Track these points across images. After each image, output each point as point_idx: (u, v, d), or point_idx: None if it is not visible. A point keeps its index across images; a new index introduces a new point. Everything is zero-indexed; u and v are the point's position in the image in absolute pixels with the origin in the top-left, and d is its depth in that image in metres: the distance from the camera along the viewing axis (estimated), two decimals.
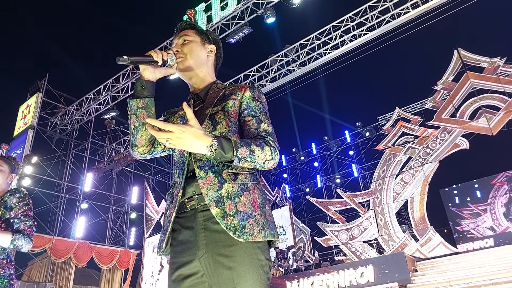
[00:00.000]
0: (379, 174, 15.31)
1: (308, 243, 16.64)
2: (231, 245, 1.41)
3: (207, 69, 1.78)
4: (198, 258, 1.44)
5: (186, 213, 1.53)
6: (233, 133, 1.57)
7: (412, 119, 15.32)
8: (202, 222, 1.47)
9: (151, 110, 1.60)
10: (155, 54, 1.55)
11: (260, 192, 1.55)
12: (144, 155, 1.68)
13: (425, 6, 11.01)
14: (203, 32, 1.82)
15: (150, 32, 22.55)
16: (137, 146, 1.62)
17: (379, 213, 14.63)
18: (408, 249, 13.13)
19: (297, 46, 13.23)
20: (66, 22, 23.38)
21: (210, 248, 1.43)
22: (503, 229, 12.81)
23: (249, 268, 1.39)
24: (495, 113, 12.99)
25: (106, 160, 17.20)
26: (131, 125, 1.60)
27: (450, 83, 14.18)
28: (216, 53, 1.85)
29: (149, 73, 1.58)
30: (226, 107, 1.60)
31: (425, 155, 14.21)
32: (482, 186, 13.99)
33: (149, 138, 1.62)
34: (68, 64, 23.08)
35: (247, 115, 1.62)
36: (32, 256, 14.10)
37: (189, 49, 1.72)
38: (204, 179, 1.48)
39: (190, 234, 1.49)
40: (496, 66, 13.27)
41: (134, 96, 1.59)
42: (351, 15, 12.23)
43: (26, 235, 2.44)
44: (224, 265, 1.39)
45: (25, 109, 15.32)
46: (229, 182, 1.48)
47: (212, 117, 1.59)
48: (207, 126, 1.57)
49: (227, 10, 11.84)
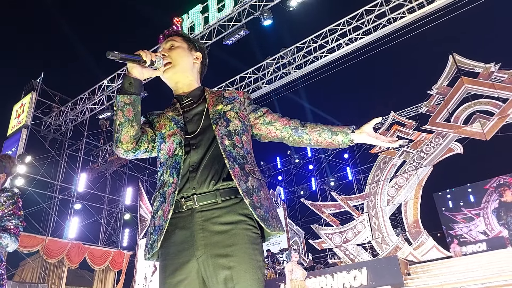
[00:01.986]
0: (373, 178, 15.36)
1: (302, 246, 16.65)
2: (230, 245, 1.41)
3: (193, 75, 1.80)
4: (196, 259, 1.43)
5: (181, 213, 1.51)
6: (243, 131, 1.65)
7: (407, 123, 15.39)
8: (201, 223, 1.46)
9: (137, 107, 1.60)
10: (144, 54, 1.58)
11: (267, 189, 1.63)
12: (127, 153, 1.64)
13: (421, 11, 11.08)
14: (189, 39, 1.86)
15: (148, 34, 22.51)
16: (121, 142, 1.60)
17: (373, 216, 14.67)
18: (401, 252, 13.18)
19: (293, 49, 13.26)
20: (62, 21, 23.27)
21: (209, 249, 1.42)
22: (496, 234, 12.90)
23: (248, 268, 1.40)
24: (489, 118, 13.09)
25: (100, 161, 17.12)
26: (117, 120, 1.59)
27: (444, 88, 14.27)
28: (202, 60, 1.87)
29: (137, 72, 1.60)
30: (234, 109, 1.67)
31: (419, 159, 14.28)
32: (475, 191, 14.08)
33: (134, 135, 1.61)
34: (63, 63, 22.99)
35: (259, 108, 1.76)
36: (25, 256, 13.99)
37: (176, 53, 1.75)
38: (233, 169, 1.51)
39: (186, 234, 1.47)
40: (491, 72, 13.37)
41: (121, 92, 1.60)
42: (348, 18, 12.28)
43: (12, 234, 2.41)
44: (223, 265, 1.39)
45: (19, 108, 15.22)
46: (252, 176, 1.54)
47: (224, 114, 1.64)
48: (221, 122, 1.61)
49: (224, 12, 11.85)
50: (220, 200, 1.49)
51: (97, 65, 20.66)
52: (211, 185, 1.50)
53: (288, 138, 1.72)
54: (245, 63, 14.21)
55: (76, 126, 16.20)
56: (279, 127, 1.73)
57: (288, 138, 1.72)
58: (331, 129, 1.68)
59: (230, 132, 1.60)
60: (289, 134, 1.72)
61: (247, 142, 1.66)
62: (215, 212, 1.48)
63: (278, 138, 1.74)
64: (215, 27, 12.12)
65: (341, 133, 1.67)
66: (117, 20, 24.61)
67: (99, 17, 24.16)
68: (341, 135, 1.67)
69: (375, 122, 1.71)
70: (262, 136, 1.77)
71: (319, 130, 1.69)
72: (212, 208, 1.49)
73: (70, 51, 22.89)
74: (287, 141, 1.74)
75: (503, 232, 12.76)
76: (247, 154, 1.61)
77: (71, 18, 24.38)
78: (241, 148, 1.60)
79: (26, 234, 13.46)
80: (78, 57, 22.58)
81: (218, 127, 1.60)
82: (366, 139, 1.68)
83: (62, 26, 23.33)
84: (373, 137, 1.67)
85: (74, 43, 23.67)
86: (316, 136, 1.69)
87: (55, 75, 21.15)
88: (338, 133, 1.67)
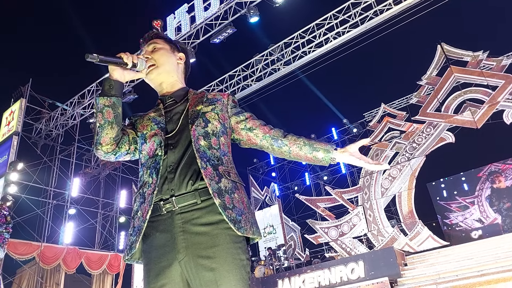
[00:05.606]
0: (367, 170, 15.40)
1: (299, 241, 16.69)
2: (212, 246, 1.41)
3: (177, 75, 1.81)
4: (178, 262, 1.42)
5: (160, 216, 1.50)
6: (222, 133, 1.63)
7: (398, 115, 15.42)
8: (181, 225, 1.45)
9: (118, 109, 1.59)
10: (125, 56, 1.57)
11: (245, 193, 1.61)
12: (108, 155, 1.64)
13: (407, 2, 11.09)
14: (171, 41, 1.86)
15: (135, 36, 22.38)
16: (101, 144, 1.59)
17: (368, 208, 14.71)
18: (397, 243, 13.23)
19: (281, 45, 13.24)
20: (48, 25, 23.09)
21: (190, 251, 1.41)
22: (491, 221, 12.99)
23: (231, 268, 1.39)
24: (479, 106, 13.14)
25: (93, 165, 17.03)
26: (97, 122, 1.59)
27: (434, 78, 14.30)
28: (185, 61, 1.88)
29: (117, 74, 1.59)
30: (216, 110, 1.66)
31: (412, 150, 14.33)
32: (469, 179, 14.17)
33: (114, 137, 1.60)
34: (51, 68, 22.79)
35: (242, 112, 1.72)
36: (21, 263, 13.89)
37: (160, 55, 1.75)
38: (205, 169, 1.50)
39: (166, 237, 1.46)
40: (479, 60, 13.41)
41: (101, 94, 1.58)
42: (334, 12, 12.27)
43: None
44: (206, 267, 1.38)
45: (9, 116, 15.10)
46: (225, 177, 1.53)
47: (203, 115, 1.63)
48: (199, 122, 1.60)
49: (210, 11, 11.80)
50: (199, 200, 1.48)
51: (86, 69, 20.53)
52: (189, 185, 1.49)
53: (268, 147, 1.68)
54: (234, 61, 14.20)
55: (67, 131, 16.12)
56: (259, 135, 1.69)
57: (268, 147, 1.68)
58: (313, 144, 1.63)
59: (207, 133, 1.59)
60: (269, 143, 1.67)
61: (225, 145, 1.64)
62: (194, 213, 1.47)
63: (258, 146, 1.71)
64: (202, 26, 12.06)
65: (323, 150, 1.62)
66: (103, 23, 24.45)
67: (85, 20, 23.99)
68: (322, 152, 1.62)
69: (362, 144, 1.67)
70: (241, 142, 1.74)
71: (300, 143, 1.64)
72: (192, 209, 1.47)
73: (58, 56, 22.70)
74: (267, 149, 1.70)
75: (498, 219, 12.86)
76: (224, 156, 1.60)
77: (57, 22, 24.19)
78: (217, 150, 1.58)
79: (21, 241, 13.41)
80: (66, 61, 22.40)
81: (195, 126, 1.59)
82: (348, 159, 1.61)
83: (49, 30, 23.15)
84: (357, 158, 1.60)
85: (61, 47, 23.48)
86: (296, 150, 1.64)
87: (43, 81, 20.99)
88: (320, 149, 1.62)
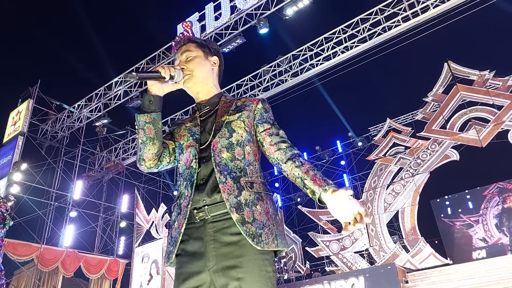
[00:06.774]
0: (370, 185, 15.34)
1: (299, 253, 16.58)
2: (239, 256, 1.42)
3: (212, 81, 1.81)
4: (208, 270, 1.45)
5: (194, 223, 1.53)
6: (247, 142, 1.63)
7: (403, 130, 15.42)
8: (212, 234, 1.48)
9: (158, 125, 1.63)
10: (162, 70, 1.59)
11: (271, 202, 1.59)
12: (151, 169, 1.70)
13: (415, 20, 11.17)
14: (203, 44, 1.83)
15: (145, 41, 22.55)
16: (144, 160, 1.65)
17: (370, 223, 14.62)
18: (399, 260, 13.13)
19: (289, 56, 13.32)
20: (59, 28, 23.32)
21: (219, 260, 1.44)
22: (495, 241, 12.86)
23: (258, 279, 1.40)
24: (485, 125, 13.13)
25: (97, 168, 17.03)
26: (139, 139, 1.63)
27: (440, 95, 14.33)
28: (219, 64, 1.87)
29: (156, 89, 1.62)
30: (242, 117, 1.65)
31: (416, 166, 14.29)
32: (473, 197, 14.06)
33: (156, 152, 1.64)
34: (60, 70, 22.97)
35: (265, 122, 1.68)
36: (19, 265, 13.85)
37: (194, 64, 1.74)
38: (224, 183, 1.51)
39: (199, 245, 1.49)
40: (485, 79, 13.44)
41: (142, 111, 1.61)
42: (343, 27, 12.36)
43: None
44: (232, 277, 1.40)
45: (15, 116, 15.19)
46: (247, 189, 1.52)
47: (229, 124, 1.63)
48: (223, 132, 1.61)
49: (220, 20, 11.92)
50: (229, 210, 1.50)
51: (94, 73, 20.68)
52: (219, 197, 1.52)
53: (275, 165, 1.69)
54: (241, 71, 14.27)
55: (73, 133, 16.17)
56: (266, 153, 1.69)
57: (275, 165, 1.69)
58: (304, 180, 1.56)
59: (231, 144, 1.60)
60: (274, 163, 1.68)
61: (251, 153, 1.63)
62: (226, 223, 1.49)
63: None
64: (212, 35, 12.18)
65: (309, 191, 1.56)
66: (114, 29, 24.68)
67: (95, 24, 24.22)
68: (309, 192, 1.57)
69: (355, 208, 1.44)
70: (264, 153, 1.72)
71: (294, 174, 1.59)
72: (223, 219, 1.50)
73: (67, 58, 22.89)
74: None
75: (502, 239, 12.73)
76: (248, 167, 1.60)
77: (68, 25, 24.43)
78: (241, 161, 1.59)
79: (21, 242, 13.37)
80: (75, 64, 22.59)
81: (218, 138, 1.60)
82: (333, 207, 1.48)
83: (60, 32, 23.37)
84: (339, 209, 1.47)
85: (71, 49, 23.69)
86: (292, 179, 1.62)
87: (52, 83, 21.12)
88: (308, 188, 1.56)
